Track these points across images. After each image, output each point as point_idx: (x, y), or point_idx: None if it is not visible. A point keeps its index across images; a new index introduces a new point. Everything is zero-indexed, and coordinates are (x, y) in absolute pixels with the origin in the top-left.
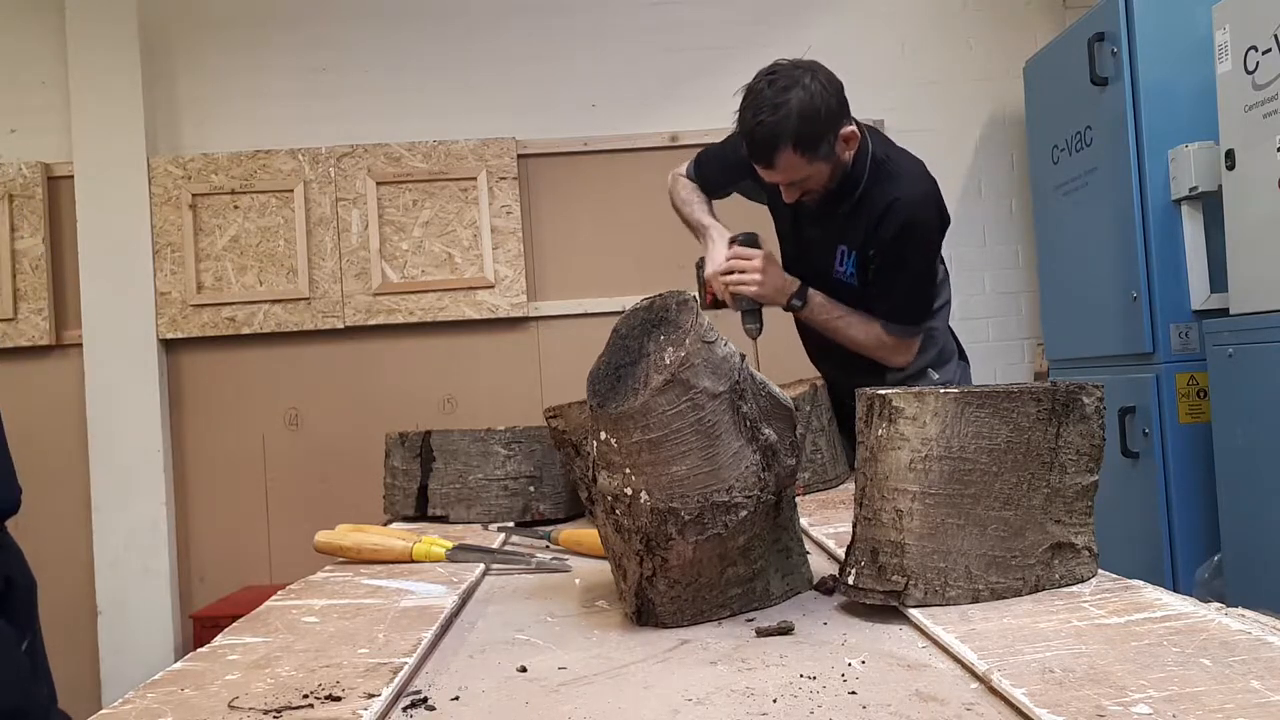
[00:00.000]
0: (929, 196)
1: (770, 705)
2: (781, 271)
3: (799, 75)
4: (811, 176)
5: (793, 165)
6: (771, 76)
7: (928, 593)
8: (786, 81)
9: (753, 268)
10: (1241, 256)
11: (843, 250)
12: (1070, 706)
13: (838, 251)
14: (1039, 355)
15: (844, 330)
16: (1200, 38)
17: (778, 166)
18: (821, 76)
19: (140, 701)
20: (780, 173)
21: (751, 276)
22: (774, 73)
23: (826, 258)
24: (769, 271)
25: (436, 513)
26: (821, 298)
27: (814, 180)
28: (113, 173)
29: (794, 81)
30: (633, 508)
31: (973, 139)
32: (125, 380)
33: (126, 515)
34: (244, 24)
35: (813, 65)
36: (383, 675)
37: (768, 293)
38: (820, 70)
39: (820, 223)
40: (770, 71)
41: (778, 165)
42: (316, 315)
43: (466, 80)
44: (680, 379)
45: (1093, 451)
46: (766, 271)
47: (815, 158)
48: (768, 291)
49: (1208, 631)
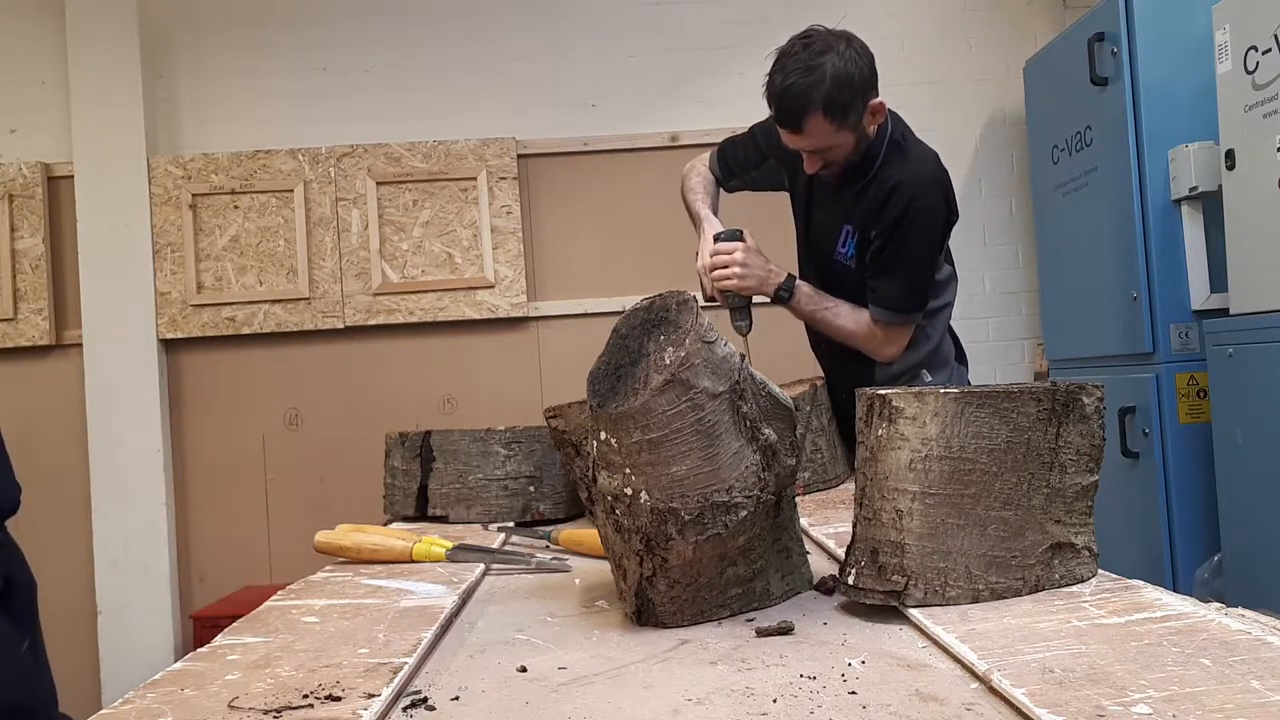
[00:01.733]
0: (936, 184)
1: (770, 705)
2: (766, 264)
3: (834, 41)
4: (837, 146)
5: (821, 131)
6: (806, 40)
7: (928, 593)
8: (821, 46)
9: (733, 260)
10: (1241, 256)
11: (847, 230)
12: (1070, 706)
13: (843, 231)
14: (1039, 355)
15: (832, 321)
16: (1200, 38)
17: (805, 131)
18: (856, 45)
19: (140, 701)
20: (807, 138)
21: (732, 270)
22: (809, 36)
23: (830, 238)
24: (750, 264)
25: (436, 513)
26: (809, 289)
27: (838, 150)
28: (112, 173)
29: (829, 46)
30: (633, 508)
31: (973, 139)
32: (125, 380)
33: (126, 515)
34: (244, 24)
35: (847, 34)
36: (383, 675)
37: (750, 285)
38: (855, 39)
39: (829, 202)
40: (805, 35)
41: (806, 129)
42: (316, 315)
43: (466, 80)
44: (680, 379)
45: (1093, 451)
46: (747, 264)
47: (844, 125)
48: (750, 284)
49: (1208, 631)
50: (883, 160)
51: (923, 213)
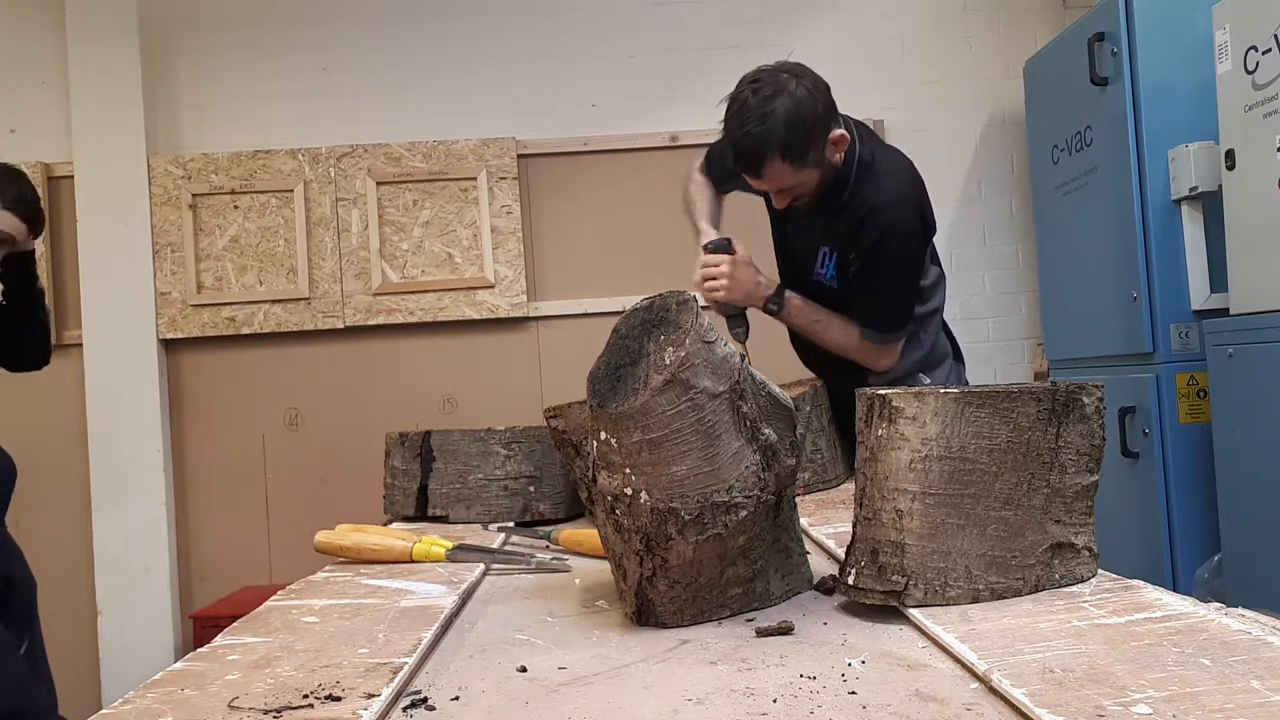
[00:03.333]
0: (909, 201)
1: (770, 705)
2: (754, 275)
3: (784, 81)
4: (801, 183)
5: (781, 174)
6: (755, 84)
7: (928, 593)
8: (771, 89)
9: (720, 273)
10: (1241, 256)
11: (824, 252)
12: (1070, 707)
13: (819, 253)
14: (1039, 355)
15: (822, 334)
16: (1200, 38)
17: (765, 176)
18: (807, 81)
19: (140, 702)
20: (769, 181)
21: (720, 282)
22: (757, 80)
23: (808, 258)
24: (736, 276)
25: (436, 513)
26: (800, 301)
27: (804, 186)
28: (112, 173)
29: (779, 89)
30: (633, 508)
31: (973, 139)
32: (125, 380)
33: (126, 515)
34: (244, 24)
35: (797, 69)
36: (383, 675)
37: (737, 297)
38: (805, 74)
39: (804, 223)
40: (754, 79)
41: (765, 175)
42: (316, 315)
43: (466, 80)
44: (680, 379)
45: (1093, 451)
46: (734, 276)
47: (804, 165)
48: (737, 296)
49: (1208, 631)
50: (854, 181)
51: (898, 236)
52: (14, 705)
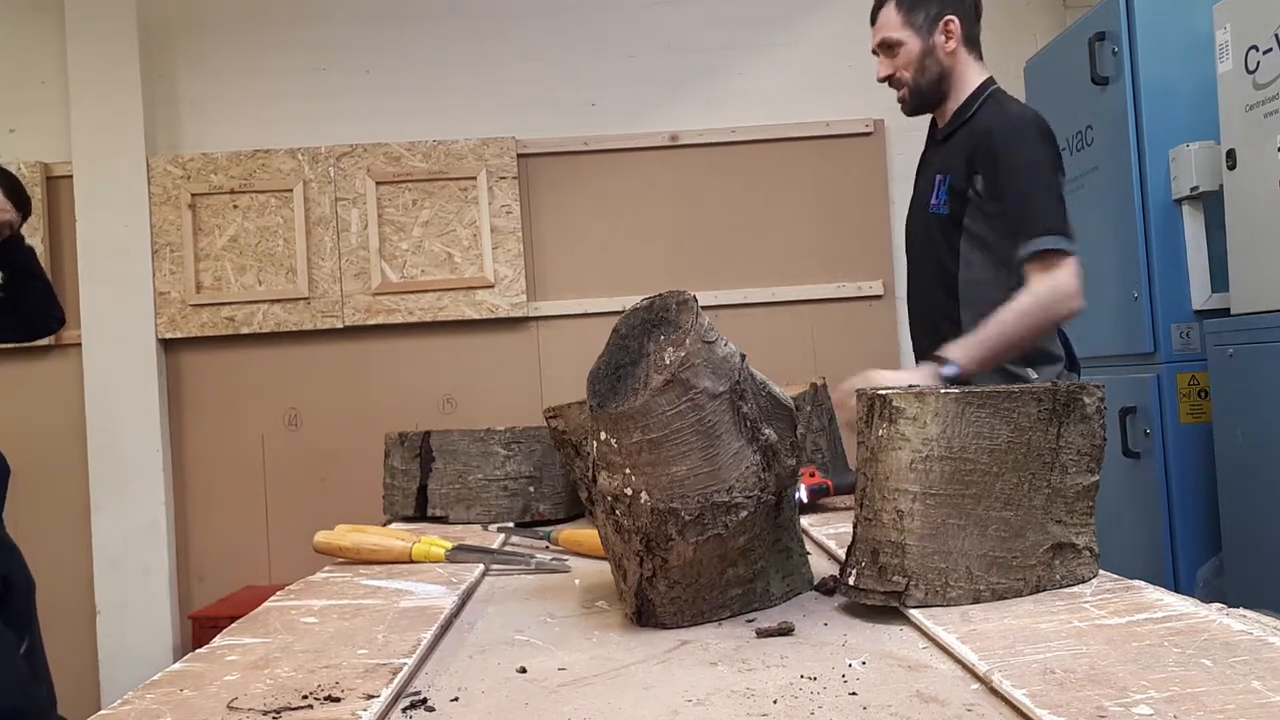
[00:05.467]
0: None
1: (770, 706)
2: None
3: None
4: (902, 46)
5: (889, 21)
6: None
7: (928, 593)
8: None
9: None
10: (1242, 256)
11: (939, 179)
12: (1071, 707)
13: (935, 181)
14: None
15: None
16: (1201, 37)
17: (879, 19)
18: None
19: (139, 702)
20: (878, 28)
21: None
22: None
23: (927, 194)
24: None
25: (436, 513)
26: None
27: (904, 57)
28: (112, 172)
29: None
30: (633, 508)
31: None
32: (124, 380)
33: (126, 515)
34: (244, 24)
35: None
36: (382, 676)
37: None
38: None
39: (929, 159)
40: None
41: (879, 20)
42: (316, 315)
43: (466, 80)
44: (680, 379)
45: (1093, 451)
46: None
47: (910, 22)
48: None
49: (1209, 632)
50: (979, 108)
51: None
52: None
